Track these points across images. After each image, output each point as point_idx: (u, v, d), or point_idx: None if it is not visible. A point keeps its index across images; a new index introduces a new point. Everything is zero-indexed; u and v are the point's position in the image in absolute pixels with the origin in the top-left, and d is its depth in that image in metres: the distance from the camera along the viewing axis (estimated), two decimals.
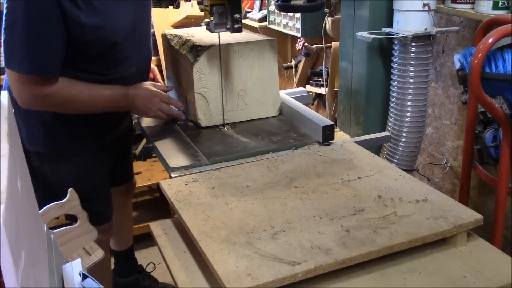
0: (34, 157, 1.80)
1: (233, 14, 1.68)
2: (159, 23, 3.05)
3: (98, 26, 1.59)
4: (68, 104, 1.68)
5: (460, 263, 1.17)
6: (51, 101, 1.65)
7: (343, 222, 1.25)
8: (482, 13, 1.86)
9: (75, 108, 1.70)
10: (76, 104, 1.68)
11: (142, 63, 1.85)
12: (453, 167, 2.39)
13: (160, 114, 1.83)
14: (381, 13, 2.04)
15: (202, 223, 1.26)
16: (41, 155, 1.80)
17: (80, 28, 1.56)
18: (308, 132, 1.80)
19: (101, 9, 1.60)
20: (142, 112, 1.82)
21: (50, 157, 1.82)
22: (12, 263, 0.63)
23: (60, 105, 1.67)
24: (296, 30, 2.88)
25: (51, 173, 1.83)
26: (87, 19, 1.56)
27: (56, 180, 1.83)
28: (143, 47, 1.85)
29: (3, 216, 0.62)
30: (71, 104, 1.68)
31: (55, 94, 1.64)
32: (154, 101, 1.79)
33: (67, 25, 1.55)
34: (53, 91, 1.63)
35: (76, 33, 1.57)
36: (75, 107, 1.69)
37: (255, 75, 1.89)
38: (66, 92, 1.65)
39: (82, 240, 1.42)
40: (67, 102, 1.67)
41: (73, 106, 1.69)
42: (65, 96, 1.66)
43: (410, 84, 1.97)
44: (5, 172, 0.71)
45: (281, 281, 1.06)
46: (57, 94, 1.64)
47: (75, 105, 1.68)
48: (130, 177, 2.37)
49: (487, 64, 1.56)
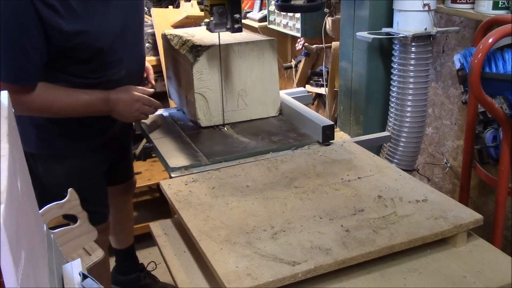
0: (28, 157, 1.78)
1: (233, 14, 1.68)
2: (159, 23, 3.05)
3: (81, 31, 1.57)
4: (45, 110, 1.66)
5: (460, 263, 1.17)
6: (27, 107, 1.63)
7: (343, 222, 1.25)
8: (482, 13, 1.86)
9: (54, 113, 1.68)
10: (54, 110, 1.66)
11: (133, 65, 1.82)
12: (453, 167, 2.39)
13: (141, 117, 1.82)
14: (381, 13, 2.04)
15: (202, 223, 1.26)
16: (34, 156, 1.80)
17: (62, 35, 1.54)
18: (308, 132, 1.80)
19: (84, 14, 1.57)
20: (123, 117, 1.77)
21: (43, 158, 1.81)
22: (12, 263, 0.63)
23: (36, 111, 1.66)
24: (296, 30, 2.88)
25: (45, 174, 1.83)
26: (68, 26, 1.54)
27: (50, 180, 1.82)
28: (135, 48, 1.82)
29: (3, 216, 0.62)
30: (48, 110, 1.66)
31: (31, 101, 1.62)
32: (136, 106, 1.76)
33: (48, 33, 1.53)
34: (30, 98, 1.61)
35: (58, 40, 1.55)
36: (53, 112, 1.67)
37: (255, 75, 1.89)
38: (43, 98, 1.63)
39: (82, 240, 1.42)
40: (44, 109, 1.65)
41: (51, 111, 1.67)
42: (42, 102, 1.63)
43: (410, 84, 1.97)
44: (5, 172, 0.71)
45: (281, 281, 1.06)
46: (33, 101, 1.62)
47: (53, 111, 1.67)
48: (130, 176, 2.36)
49: (487, 64, 1.56)
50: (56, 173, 1.83)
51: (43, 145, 1.78)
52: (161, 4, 3.48)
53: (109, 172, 2.00)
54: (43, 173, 1.82)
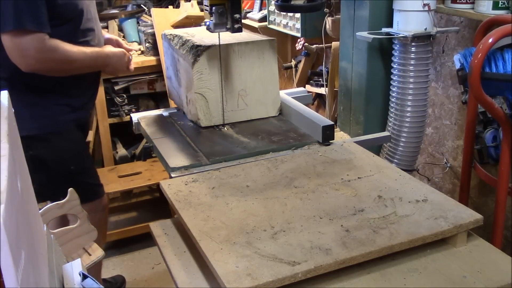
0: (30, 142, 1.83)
1: (233, 14, 1.68)
2: (159, 23, 3.05)
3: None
4: (66, 60, 1.81)
5: (460, 263, 1.17)
6: (53, 56, 1.77)
7: (343, 222, 1.25)
8: (482, 13, 1.86)
9: (70, 64, 1.83)
10: (71, 60, 1.82)
11: (100, 37, 2.02)
12: (453, 167, 2.39)
13: (130, 69, 2.08)
14: (381, 13, 2.04)
15: (202, 223, 1.26)
16: (36, 138, 1.88)
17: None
18: (308, 132, 1.80)
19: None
20: (116, 69, 2.03)
21: (46, 138, 1.91)
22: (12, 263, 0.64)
23: (60, 61, 1.79)
24: (296, 30, 2.88)
25: (50, 153, 1.93)
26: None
27: (56, 158, 1.95)
28: (98, 23, 2.02)
29: (3, 216, 0.62)
30: (68, 59, 1.82)
31: (56, 49, 1.77)
32: (126, 58, 2.04)
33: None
34: (54, 44, 1.76)
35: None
36: (69, 62, 1.83)
37: (255, 75, 1.89)
38: (62, 47, 1.78)
39: (82, 240, 1.42)
40: (66, 58, 1.81)
41: (70, 60, 1.83)
42: (63, 51, 1.79)
43: (410, 84, 1.96)
44: (5, 172, 0.71)
45: (281, 281, 1.06)
46: (58, 49, 1.77)
47: (70, 60, 1.84)
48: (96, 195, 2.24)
49: (487, 64, 1.56)
50: (60, 149, 1.96)
51: (43, 124, 1.90)
52: (161, 4, 3.48)
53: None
54: (48, 153, 1.93)
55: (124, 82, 3.13)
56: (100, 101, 3.07)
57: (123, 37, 3.24)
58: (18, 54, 1.71)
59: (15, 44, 1.70)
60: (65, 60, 1.82)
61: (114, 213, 3.33)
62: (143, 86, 3.22)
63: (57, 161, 1.96)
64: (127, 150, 3.39)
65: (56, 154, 1.96)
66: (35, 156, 1.87)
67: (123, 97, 3.18)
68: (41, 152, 1.92)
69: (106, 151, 3.20)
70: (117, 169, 3.08)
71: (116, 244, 3.00)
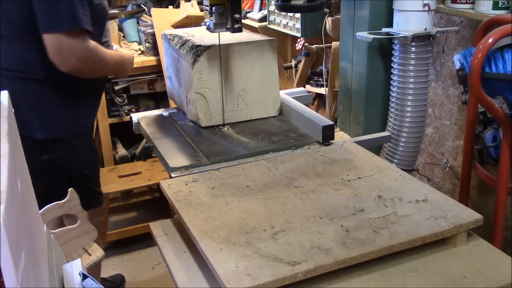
0: (50, 145, 1.88)
1: (233, 14, 1.68)
2: (159, 23, 3.05)
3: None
4: (103, 63, 1.87)
5: (460, 263, 1.17)
6: (93, 57, 1.80)
7: (343, 222, 1.25)
8: (482, 13, 1.86)
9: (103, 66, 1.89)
10: (105, 63, 1.88)
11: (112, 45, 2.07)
12: (453, 167, 2.39)
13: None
14: (381, 13, 2.04)
15: (202, 223, 1.26)
16: (58, 141, 1.89)
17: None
18: (308, 132, 1.80)
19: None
20: (127, 71, 2.08)
21: (68, 140, 1.92)
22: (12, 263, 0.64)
23: (96, 62, 1.83)
24: (296, 30, 2.88)
25: (70, 156, 1.94)
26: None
27: (75, 161, 1.96)
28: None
29: (3, 216, 0.62)
30: (104, 62, 1.87)
31: (96, 50, 1.81)
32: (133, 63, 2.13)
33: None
34: (94, 46, 1.80)
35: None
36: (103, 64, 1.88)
37: (255, 75, 1.89)
38: (100, 48, 1.84)
39: (82, 240, 1.42)
40: (102, 60, 1.86)
41: (104, 62, 1.87)
42: (101, 52, 1.84)
43: (410, 84, 1.96)
44: (5, 172, 0.71)
45: (281, 281, 1.06)
46: (97, 50, 1.82)
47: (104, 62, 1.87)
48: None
49: (487, 64, 1.56)
50: (81, 151, 1.98)
51: (68, 126, 1.91)
52: (161, 4, 3.48)
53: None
54: (69, 156, 1.94)
55: (124, 82, 3.13)
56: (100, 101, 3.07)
57: (123, 37, 3.24)
58: (66, 54, 1.71)
59: (64, 43, 1.69)
60: (101, 62, 1.85)
61: (114, 213, 3.33)
62: (143, 86, 3.22)
63: (74, 164, 1.96)
64: (127, 150, 3.39)
65: (75, 157, 1.96)
66: (51, 159, 1.88)
67: (123, 97, 3.19)
68: (60, 155, 1.91)
69: (106, 151, 3.21)
70: (117, 169, 3.08)
71: (116, 244, 3.00)
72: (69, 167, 1.94)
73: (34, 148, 1.83)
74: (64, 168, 1.93)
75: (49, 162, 1.87)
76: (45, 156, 1.87)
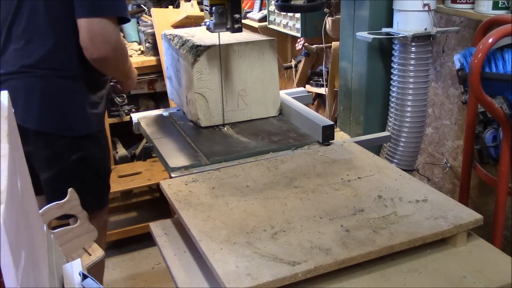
0: (83, 142, 1.91)
1: (233, 14, 1.68)
2: (159, 23, 3.05)
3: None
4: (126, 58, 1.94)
5: (460, 263, 1.17)
6: (124, 50, 1.87)
7: (343, 222, 1.25)
8: (482, 13, 1.86)
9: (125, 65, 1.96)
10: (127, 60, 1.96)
11: None
12: (453, 167, 2.39)
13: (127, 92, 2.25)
14: (381, 13, 2.04)
15: (202, 223, 1.26)
16: (90, 136, 1.93)
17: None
18: (308, 132, 1.80)
19: None
20: (132, 84, 2.14)
21: (96, 135, 1.96)
22: (12, 263, 0.64)
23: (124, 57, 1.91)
24: (296, 30, 2.88)
25: (97, 151, 1.98)
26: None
27: (101, 157, 2.01)
28: None
29: (3, 216, 0.62)
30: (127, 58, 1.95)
31: (123, 43, 1.87)
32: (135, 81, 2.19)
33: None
34: (122, 40, 1.89)
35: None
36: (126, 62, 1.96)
37: (255, 75, 1.89)
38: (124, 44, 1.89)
39: (82, 240, 1.42)
40: (127, 55, 1.94)
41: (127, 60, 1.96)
42: (125, 47, 1.90)
43: (410, 84, 1.96)
44: (5, 172, 0.71)
45: (281, 281, 1.06)
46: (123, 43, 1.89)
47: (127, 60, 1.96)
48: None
49: (487, 64, 1.56)
50: (104, 147, 2.05)
51: (97, 122, 1.95)
52: (161, 4, 3.48)
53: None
54: (96, 151, 1.98)
55: None
56: None
57: (123, 37, 3.24)
58: (101, 40, 1.72)
59: (102, 29, 1.71)
60: (126, 56, 1.92)
61: (114, 213, 3.33)
62: (143, 86, 3.22)
63: (103, 159, 2.02)
64: (127, 150, 3.39)
65: (102, 152, 2.02)
66: (85, 156, 1.90)
67: (123, 97, 3.18)
68: (92, 151, 1.94)
69: None
70: (117, 169, 3.08)
71: (116, 244, 3.00)
72: (99, 163, 1.99)
73: (68, 146, 1.86)
74: (95, 163, 1.97)
75: (83, 159, 1.91)
76: (79, 153, 1.89)
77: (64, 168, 1.87)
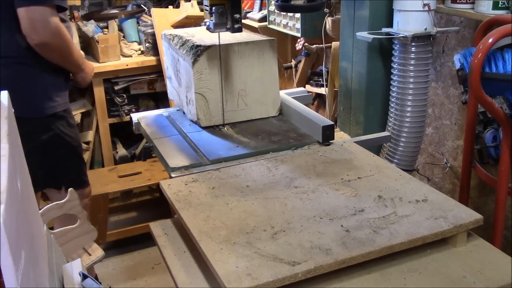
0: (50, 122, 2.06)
1: (233, 14, 1.68)
2: (159, 23, 3.05)
3: None
4: (69, 45, 2.02)
5: (460, 263, 1.17)
6: (64, 36, 1.95)
7: (343, 222, 1.25)
8: (482, 13, 1.86)
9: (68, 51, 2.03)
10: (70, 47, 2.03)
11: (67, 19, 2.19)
12: (453, 167, 2.39)
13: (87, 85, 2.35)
14: (381, 13, 2.04)
15: (202, 223, 1.26)
16: (56, 116, 2.07)
17: None
18: (308, 132, 1.80)
19: None
20: (84, 78, 2.22)
21: (62, 115, 2.10)
22: (12, 263, 0.64)
23: (66, 43, 1.98)
24: (296, 30, 2.88)
25: (67, 129, 2.12)
26: None
27: (71, 134, 2.14)
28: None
29: (3, 216, 0.62)
30: (69, 45, 2.03)
31: (65, 31, 1.97)
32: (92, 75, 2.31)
33: None
34: (63, 27, 1.95)
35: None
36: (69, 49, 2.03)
37: (255, 75, 1.89)
38: (64, 29, 1.97)
39: (82, 240, 1.42)
40: (69, 42, 2.01)
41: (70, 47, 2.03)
42: (68, 35, 1.99)
43: (410, 84, 1.96)
44: (5, 172, 0.71)
45: (281, 281, 1.06)
46: (66, 31, 1.97)
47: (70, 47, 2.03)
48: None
49: (487, 64, 1.56)
50: (72, 124, 2.17)
51: (63, 101, 2.09)
52: (161, 4, 3.48)
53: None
54: (66, 129, 2.12)
55: (124, 82, 3.13)
56: (100, 101, 3.07)
57: (123, 37, 3.24)
58: (39, 26, 1.87)
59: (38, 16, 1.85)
60: (68, 43, 2.00)
61: (114, 213, 3.33)
62: (143, 86, 3.22)
63: (72, 136, 2.14)
64: (127, 150, 3.39)
65: (71, 130, 2.14)
66: (54, 135, 2.06)
67: (123, 97, 3.19)
68: (60, 130, 2.08)
69: (106, 151, 3.21)
70: (117, 169, 3.08)
71: (116, 244, 3.00)
72: (70, 139, 2.13)
73: (38, 127, 2.02)
74: (65, 141, 2.11)
75: (51, 139, 2.05)
76: (50, 133, 2.04)
77: (36, 145, 2.01)
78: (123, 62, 3.09)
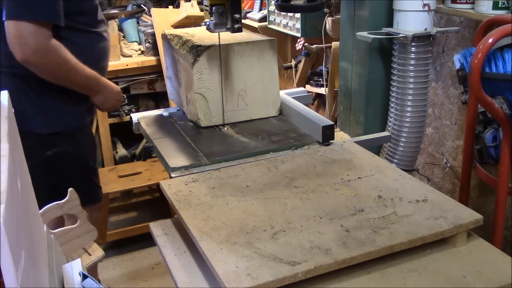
0: (55, 140, 1.93)
1: (233, 14, 1.68)
2: (159, 23, 3.05)
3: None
4: (62, 65, 1.81)
5: (460, 263, 1.17)
6: (53, 56, 1.76)
7: (343, 222, 1.25)
8: (482, 13, 1.86)
9: (64, 72, 1.83)
10: (66, 68, 1.82)
11: (108, 36, 2.06)
12: (453, 167, 2.40)
13: (116, 108, 2.17)
14: (381, 13, 2.04)
15: (202, 223, 1.26)
16: (63, 134, 1.94)
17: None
18: (308, 132, 1.80)
19: None
20: (105, 101, 2.03)
21: (72, 133, 1.97)
22: (12, 263, 0.64)
23: (57, 64, 1.79)
24: (296, 30, 2.88)
25: (75, 149, 1.99)
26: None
27: (79, 154, 2.02)
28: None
29: (3, 216, 0.62)
30: (64, 66, 1.81)
31: (57, 50, 1.76)
32: (118, 97, 2.09)
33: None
34: (56, 45, 1.75)
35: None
36: (65, 70, 1.82)
37: (255, 75, 1.89)
38: (64, 51, 1.79)
39: (82, 240, 1.42)
40: (64, 63, 1.80)
41: (66, 68, 1.82)
42: (63, 55, 1.79)
43: (410, 84, 1.96)
44: (5, 172, 0.71)
45: (281, 281, 1.06)
46: (58, 50, 1.77)
47: (66, 68, 1.82)
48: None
49: (487, 64, 1.56)
50: (84, 144, 2.04)
51: (70, 120, 1.96)
52: (161, 4, 3.48)
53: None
54: (73, 149, 1.99)
55: (124, 82, 3.13)
56: None
57: (123, 37, 3.24)
58: (19, 43, 1.70)
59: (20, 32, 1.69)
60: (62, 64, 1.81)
61: (114, 213, 3.33)
62: (143, 86, 3.23)
63: (80, 157, 2.03)
64: (127, 150, 3.39)
65: (80, 149, 2.02)
66: (57, 153, 1.94)
67: (123, 97, 3.19)
68: (66, 149, 1.97)
69: (106, 151, 3.21)
70: (117, 169, 3.08)
71: (116, 244, 3.00)
72: (75, 160, 2.01)
73: (40, 144, 1.90)
74: (71, 161, 1.99)
75: (55, 156, 1.94)
76: (50, 150, 1.92)
77: (40, 161, 1.91)
78: (123, 62, 3.09)
